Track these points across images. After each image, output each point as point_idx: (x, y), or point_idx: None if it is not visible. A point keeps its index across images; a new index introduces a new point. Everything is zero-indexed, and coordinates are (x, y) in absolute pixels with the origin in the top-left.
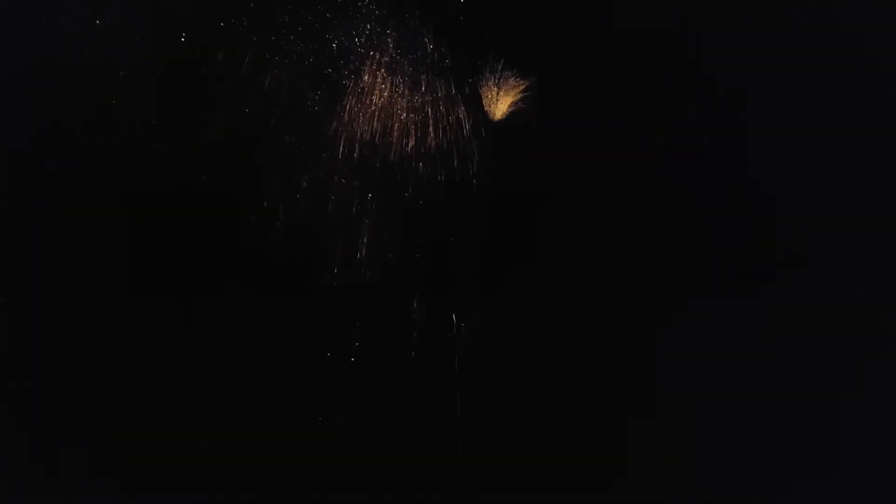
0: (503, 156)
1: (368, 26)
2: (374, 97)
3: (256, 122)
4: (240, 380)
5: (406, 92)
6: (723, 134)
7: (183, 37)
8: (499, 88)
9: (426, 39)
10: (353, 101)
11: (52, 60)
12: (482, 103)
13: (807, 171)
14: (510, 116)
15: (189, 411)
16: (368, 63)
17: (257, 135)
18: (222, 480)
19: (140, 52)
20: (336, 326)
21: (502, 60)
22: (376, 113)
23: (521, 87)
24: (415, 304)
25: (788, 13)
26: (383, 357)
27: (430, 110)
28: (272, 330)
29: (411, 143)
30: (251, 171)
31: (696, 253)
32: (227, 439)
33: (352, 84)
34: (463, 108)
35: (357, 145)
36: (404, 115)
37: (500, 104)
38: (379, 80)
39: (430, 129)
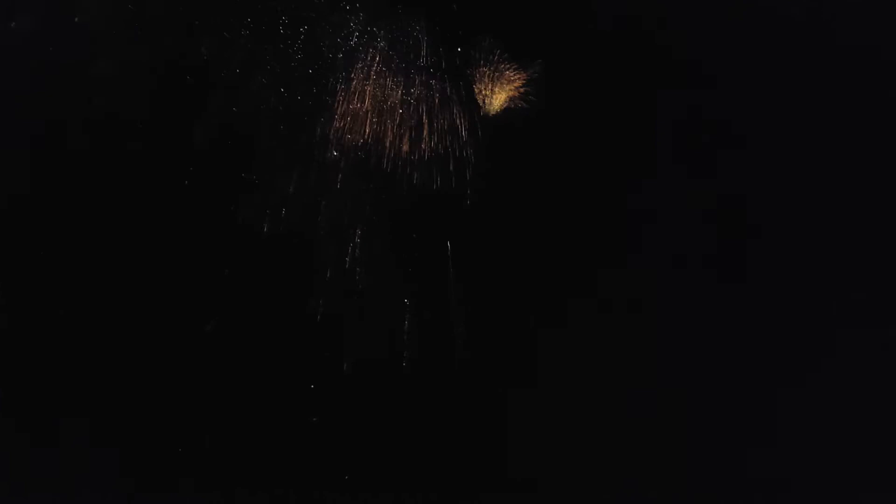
0: (499, 157)
1: (360, 23)
2: (366, 100)
3: (247, 125)
4: (234, 382)
5: (399, 94)
6: (723, 134)
7: (174, 38)
8: (494, 83)
9: (420, 37)
10: (345, 105)
11: (48, 61)
12: (477, 98)
13: (805, 170)
14: (506, 114)
15: (185, 413)
16: (360, 64)
17: (249, 138)
18: (221, 481)
19: (130, 53)
20: (329, 331)
21: (498, 52)
22: (368, 116)
23: (518, 81)
24: (408, 307)
25: (789, 13)
26: (377, 360)
27: (424, 113)
28: (266, 332)
29: (405, 147)
30: (242, 175)
31: (695, 252)
32: (224, 440)
33: (343, 86)
34: (458, 110)
35: (350, 149)
36: (398, 117)
37: (497, 98)
38: (371, 82)
39: (425, 132)
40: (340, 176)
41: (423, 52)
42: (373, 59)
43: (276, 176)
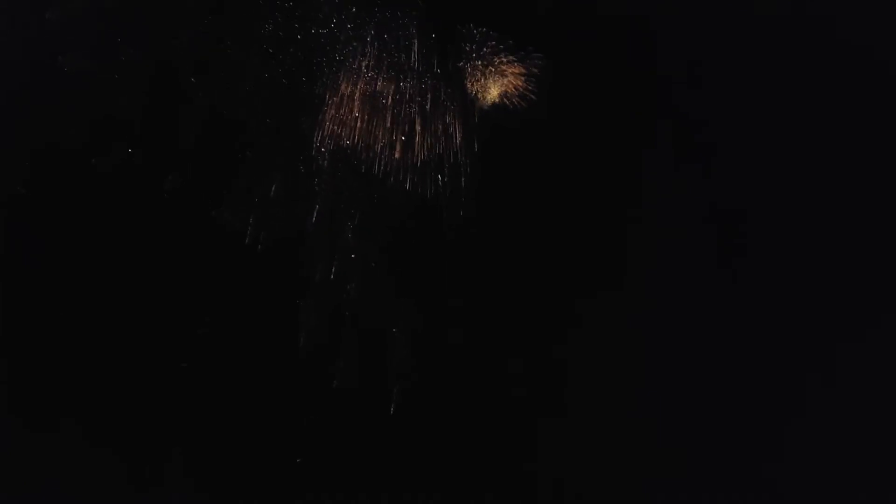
0: (494, 161)
1: (350, 16)
2: (355, 103)
3: (234, 130)
4: (230, 385)
5: (390, 96)
6: (722, 134)
7: (161, 37)
8: (487, 77)
9: (411, 31)
10: (335, 108)
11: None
12: (470, 91)
13: (803, 170)
14: (503, 114)
15: (172, 417)
16: (350, 63)
17: (236, 143)
18: (222, 482)
19: (112, 53)
20: (319, 341)
21: (492, 44)
22: (359, 120)
23: (512, 74)
24: (399, 314)
25: (789, 13)
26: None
27: (416, 116)
28: (259, 335)
29: (397, 152)
30: (229, 181)
31: (695, 253)
32: (222, 443)
33: (332, 88)
34: (452, 112)
35: (340, 155)
36: (389, 121)
37: (490, 92)
38: (361, 83)
39: (417, 136)
40: (330, 182)
41: (415, 48)
42: (363, 57)
43: (264, 182)
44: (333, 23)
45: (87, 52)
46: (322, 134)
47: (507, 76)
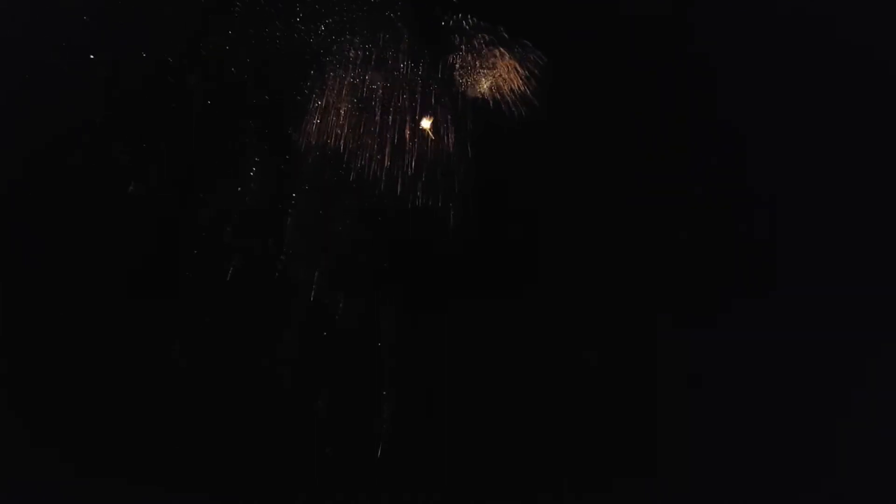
0: (489, 166)
1: (338, 13)
2: (342, 107)
3: (221, 136)
4: (222, 389)
5: (380, 99)
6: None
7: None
8: (478, 72)
9: (402, 26)
10: (321, 113)
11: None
12: (459, 86)
13: (805, 168)
14: (498, 117)
15: (172, 417)
16: (337, 62)
17: (223, 149)
18: (223, 483)
19: (97, 50)
20: (316, 342)
21: (484, 36)
22: (346, 125)
23: (504, 69)
24: (391, 324)
25: (789, 13)
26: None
27: (408, 120)
28: (254, 339)
29: (386, 158)
30: (216, 190)
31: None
32: (223, 445)
33: (319, 91)
34: (444, 115)
35: (328, 162)
36: (378, 125)
37: (480, 86)
38: (348, 84)
39: (407, 141)
40: (320, 186)
41: (404, 44)
42: (349, 55)
43: (257, 183)
44: (324, 23)
45: (86, 51)
46: (312, 137)
47: (497, 69)
